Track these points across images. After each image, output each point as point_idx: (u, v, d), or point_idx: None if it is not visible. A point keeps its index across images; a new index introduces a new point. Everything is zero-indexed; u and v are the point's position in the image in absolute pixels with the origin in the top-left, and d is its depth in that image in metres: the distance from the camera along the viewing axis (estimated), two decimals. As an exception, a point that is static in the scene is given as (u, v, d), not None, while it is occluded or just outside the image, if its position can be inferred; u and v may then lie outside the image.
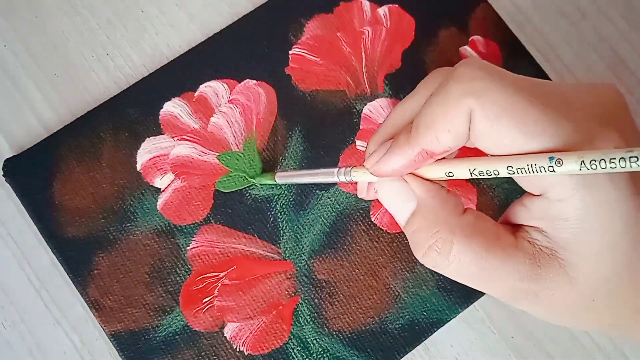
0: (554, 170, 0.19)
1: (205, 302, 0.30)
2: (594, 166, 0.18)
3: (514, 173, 0.20)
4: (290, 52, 0.33)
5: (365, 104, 0.33)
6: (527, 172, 0.20)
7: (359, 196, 0.28)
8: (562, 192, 0.20)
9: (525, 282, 0.21)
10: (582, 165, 0.18)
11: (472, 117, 0.20)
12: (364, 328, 0.31)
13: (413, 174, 0.23)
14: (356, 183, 0.29)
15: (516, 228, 0.22)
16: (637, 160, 0.17)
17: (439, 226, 0.22)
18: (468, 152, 0.25)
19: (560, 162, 0.19)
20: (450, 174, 0.22)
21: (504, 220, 0.23)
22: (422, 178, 0.23)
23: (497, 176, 0.21)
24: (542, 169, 0.19)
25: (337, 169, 0.26)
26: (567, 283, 0.21)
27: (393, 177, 0.23)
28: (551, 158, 0.19)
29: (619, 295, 0.21)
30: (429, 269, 0.31)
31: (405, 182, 0.23)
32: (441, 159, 0.22)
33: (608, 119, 0.21)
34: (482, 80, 0.20)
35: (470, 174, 0.21)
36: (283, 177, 0.30)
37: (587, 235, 0.20)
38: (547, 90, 0.21)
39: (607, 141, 0.20)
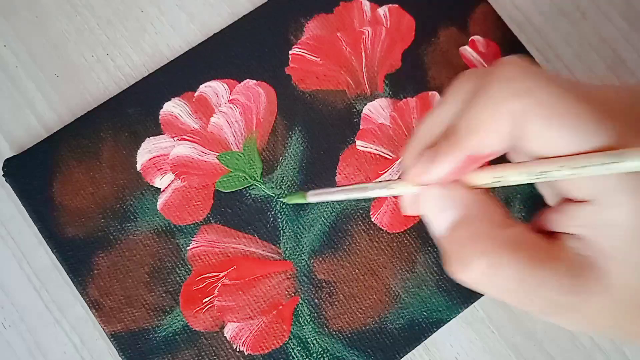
0: (614, 168, 0.18)
1: (205, 302, 0.30)
2: None
3: (570, 174, 0.19)
4: (290, 52, 0.33)
5: (365, 104, 0.33)
6: (585, 171, 0.19)
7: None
8: (615, 197, 0.19)
9: (564, 296, 0.20)
10: None
11: (520, 119, 0.19)
12: (363, 328, 0.31)
13: (458, 181, 0.22)
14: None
15: (552, 236, 0.21)
16: None
17: (481, 239, 0.20)
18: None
19: (623, 158, 0.18)
20: (500, 179, 0.21)
21: (536, 227, 0.22)
22: (468, 186, 0.22)
23: (553, 179, 0.20)
24: (603, 166, 0.18)
25: (372, 183, 0.25)
26: (604, 293, 0.20)
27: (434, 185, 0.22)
28: (612, 155, 0.18)
29: None
30: (428, 268, 0.31)
31: (446, 189, 0.22)
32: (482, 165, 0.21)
33: None
34: (526, 80, 0.20)
35: (522, 177, 0.20)
36: (315, 196, 0.28)
37: (635, 243, 0.19)
38: (587, 90, 0.20)
39: None
